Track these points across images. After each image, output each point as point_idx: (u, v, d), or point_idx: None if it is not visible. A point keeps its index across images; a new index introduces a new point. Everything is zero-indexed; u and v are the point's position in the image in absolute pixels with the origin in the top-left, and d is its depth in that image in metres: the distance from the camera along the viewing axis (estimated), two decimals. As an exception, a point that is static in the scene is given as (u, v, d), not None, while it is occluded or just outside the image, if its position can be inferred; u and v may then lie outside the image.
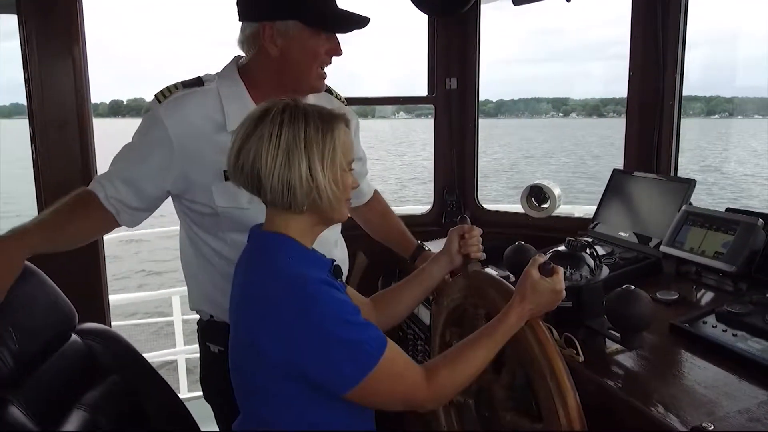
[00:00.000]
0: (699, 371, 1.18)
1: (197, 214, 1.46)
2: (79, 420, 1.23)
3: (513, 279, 1.71)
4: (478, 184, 2.41)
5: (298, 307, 0.98)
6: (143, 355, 1.44)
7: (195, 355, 3.74)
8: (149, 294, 3.57)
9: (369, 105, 2.92)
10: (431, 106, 2.41)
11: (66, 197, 1.39)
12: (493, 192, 18.58)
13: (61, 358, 1.24)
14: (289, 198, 1.03)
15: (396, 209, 2.11)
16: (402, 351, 1.05)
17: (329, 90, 1.66)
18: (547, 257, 1.43)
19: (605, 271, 1.39)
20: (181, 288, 3.65)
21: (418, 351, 2.07)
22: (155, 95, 1.43)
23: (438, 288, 1.46)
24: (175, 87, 1.43)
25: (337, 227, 1.58)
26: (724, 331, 1.28)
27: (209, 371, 1.60)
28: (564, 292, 1.19)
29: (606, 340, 1.33)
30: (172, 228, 3.40)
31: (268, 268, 1.04)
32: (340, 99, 1.68)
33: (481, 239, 1.44)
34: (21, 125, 2.24)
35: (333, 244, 1.58)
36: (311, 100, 1.51)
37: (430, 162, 2.31)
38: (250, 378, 1.05)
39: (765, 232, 1.49)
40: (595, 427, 1.11)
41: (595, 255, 1.42)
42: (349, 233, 1.67)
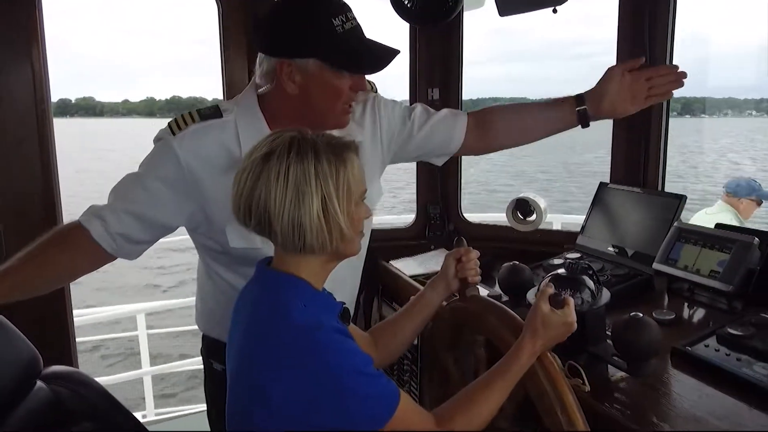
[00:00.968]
0: (708, 400, 1.15)
1: (210, 249, 1.41)
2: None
3: (506, 299, 1.67)
4: (461, 196, 2.37)
5: (313, 359, 0.92)
6: (115, 397, 1.34)
7: (161, 373, 3.65)
8: (114, 313, 3.41)
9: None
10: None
11: (42, 238, 1.28)
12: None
13: (27, 408, 1.13)
14: (301, 239, 0.97)
15: (376, 218, 2.04)
16: (414, 402, 1.00)
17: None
18: (548, 281, 1.40)
19: (606, 295, 1.35)
20: (146, 305, 3.54)
21: (404, 371, 2.02)
22: (169, 125, 1.33)
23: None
24: (191, 118, 1.33)
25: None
26: (727, 355, 1.26)
27: (213, 388, 1.58)
28: (575, 323, 1.14)
29: (609, 366, 1.30)
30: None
31: (280, 316, 0.97)
32: (371, 87, 1.59)
33: (479, 262, 1.38)
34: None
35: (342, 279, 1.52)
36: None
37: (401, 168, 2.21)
38: (256, 426, 0.97)
39: (760, 250, 1.48)
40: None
41: (596, 278, 1.38)
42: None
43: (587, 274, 1.38)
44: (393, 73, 1.65)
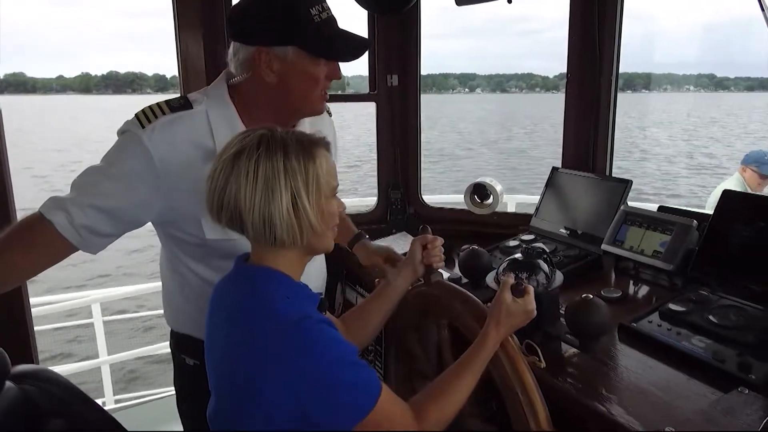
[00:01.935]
0: (651, 372, 1.26)
1: (182, 242, 1.38)
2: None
3: (465, 281, 1.75)
4: (421, 180, 2.42)
5: (301, 350, 0.94)
6: (81, 389, 1.34)
7: (119, 362, 3.59)
8: (70, 303, 3.32)
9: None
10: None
11: (2, 233, 1.24)
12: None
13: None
14: (272, 234, 0.99)
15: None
16: (392, 392, 1.04)
17: None
18: (506, 266, 1.48)
19: (560, 277, 1.44)
20: (101, 294, 3.46)
21: (368, 351, 2.08)
22: (137, 117, 1.29)
23: None
24: (161, 110, 1.30)
25: None
26: (668, 330, 1.37)
27: (184, 383, 1.57)
28: (535, 311, 1.22)
29: (562, 343, 1.39)
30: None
31: (264, 311, 0.99)
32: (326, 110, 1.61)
33: (443, 249, 1.45)
34: None
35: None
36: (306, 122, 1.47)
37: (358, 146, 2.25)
38: (244, 421, 1.00)
39: (698, 231, 1.60)
40: (563, 434, 1.16)
41: (550, 261, 1.46)
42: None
43: (542, 257, 1.46)
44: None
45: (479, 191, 2.27)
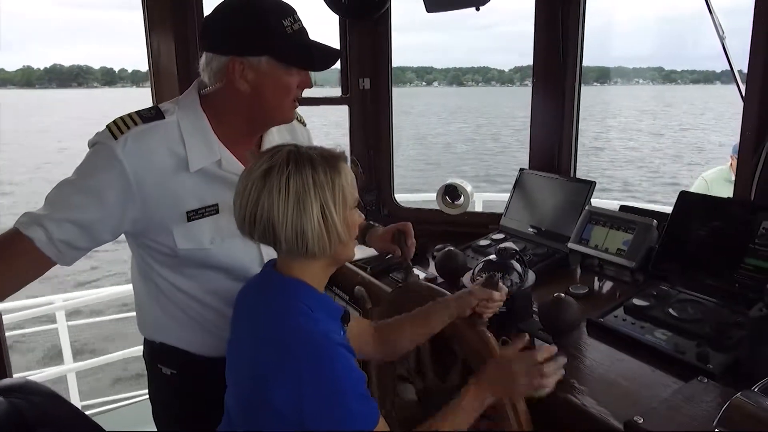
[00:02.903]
0: (619, 364, 1.35)
1: (154, 251, 1.38)
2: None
3: (441, 281, 1.82)
4: (394, 182, 2.48)
5: (317, 367, 0.98)
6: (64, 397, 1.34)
7: (85, 369, 3.51)
8: (34, 309, 3.23)
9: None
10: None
11: None
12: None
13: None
14: (304, 245, 1.04)
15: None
16: (387, 425, 1.07)
17: None
18: (481, 266, 1.55)
19: (532, 277, 1.52)
20: (64, 302, 3.37)
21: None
22: (109, 128, 1.29)
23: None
24: (132, 121, 1.30)
25: None
26: (633, 324, 1.46)
27: (161, 392, 1.57)
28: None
29: (535, 339, 1.47)
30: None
31: (287, 325, 1.03)
32: (300, 120, 1.64)
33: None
34: None
35: None
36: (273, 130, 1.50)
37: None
38: (260, 424, 1.04)
39: (658, 230, 1.71)
40: (539, 427, 1.24)
41: (523, 261, 1.54)
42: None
43: (515, 258, 1.54)
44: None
45: (450, 192, 2.34)
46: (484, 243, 2.10)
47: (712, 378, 1.20)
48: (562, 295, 1.39)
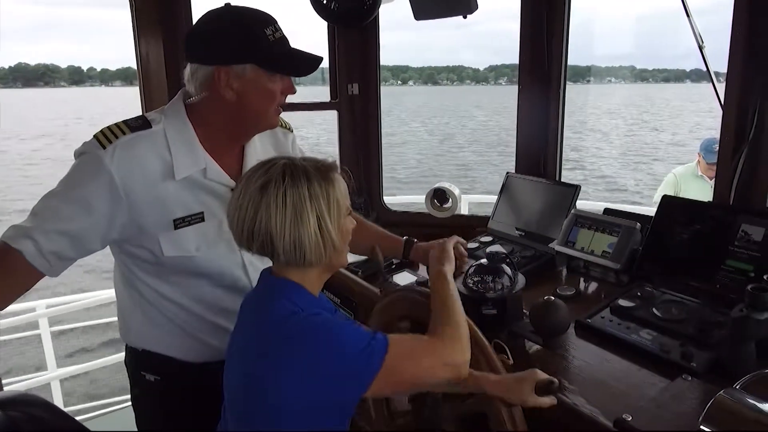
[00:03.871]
0: (608, 364, 1.39)
1: (139, 258, 1.39)
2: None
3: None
4: (383, 186, 2.50)
5: (313, 334, 1.04)
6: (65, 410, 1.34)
7: (69, 375, 3.48)
8: (16, 318, 3.18)
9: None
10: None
11: None
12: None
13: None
14: (302, 255, 1.07)
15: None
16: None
17: None
18: (472, 270, 1.59)
19: (522, 280, 1.56)
20: (48, 309, 3.33)
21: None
22: (96, 138, 1.30)
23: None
24: (120, 130, 1.32)
25: None
26: (619, 324, 1.51)
27: (144, 399, 1.57)
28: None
29: (526, 341, 1.51)
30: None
31: (277, 315, 1.07)
32: (285, 126, 1.66)
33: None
34: None
35: None
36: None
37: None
38: (267, 418, 1.06)
39: (641, 233, 1.77)
40: (532, 426, 1.28)
41: (512, 264, 1.58)
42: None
43: (505, 262, 1.58)
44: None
45: (439, 196, 2.38)
46: (472, 246, 2.14)
47: (696, 376, 1.26)
48: (552, 298, 1.43)
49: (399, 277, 1.96)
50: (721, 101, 1.67)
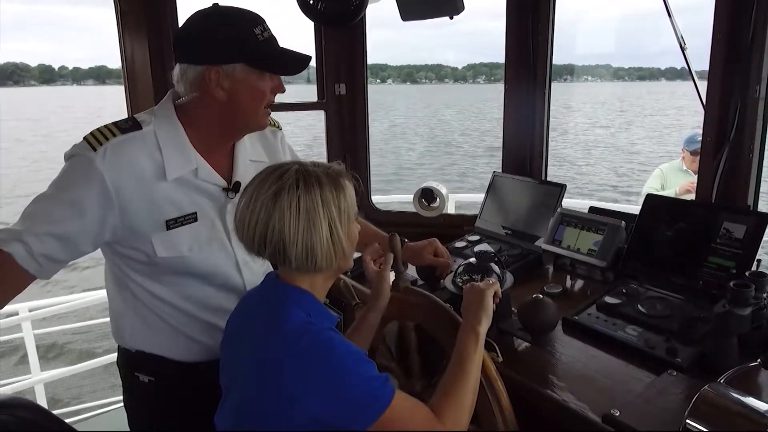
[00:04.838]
0: (595, 360, 1.42)
1: (131, 259, 1.39)
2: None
3: (422, 283, 1.86)
4: (370, 186, 2.51)
5: (319, 351, 1.02)
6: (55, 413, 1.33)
7: (52, 380, 3.42)
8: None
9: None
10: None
11: None
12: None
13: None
14: (313, 262, 1.07)
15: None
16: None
17: None
18: (461, 269, 1.60)
19: (510, 278, 1.58)
20: (31, 312, 3.28)
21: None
22: (87, 140, 1.29)
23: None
24: (111, 132, 1.31)
25: None
26: (605, 321, 1.54)
27: (138, 400, 1.56)
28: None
29: (515, 338, 1.53)
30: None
31: (283, 325, 1.06)
32: (274, 124, 1.66)
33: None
34: None
35: None
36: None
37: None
38: (262, 420, 1.05)
39: (626, 231, 1.80)
40: (523, 422, 1.30)
41: (501, 264, 1.60)
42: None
43: (494, 260, 1.60)
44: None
45: (427, 195, 2.39)
46: (460, 245, 2.15)
47: (680, 371, 1.28)
48: (540, 296, 1.45)
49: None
50: (703, 100, 1.70)
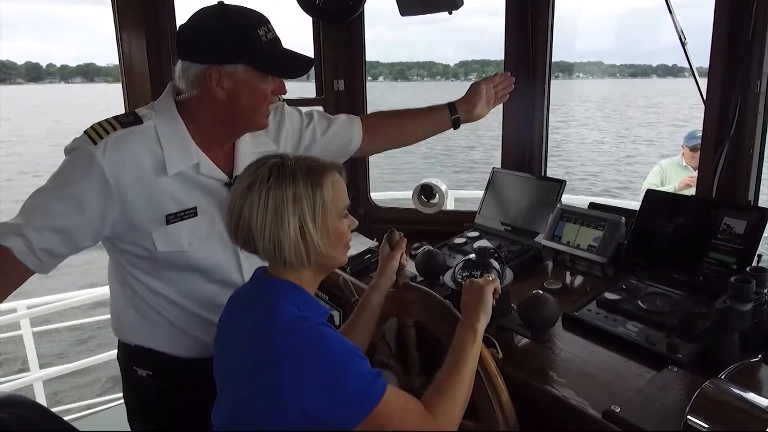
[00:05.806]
0: (595, 356, 1.41)
1: (132, 255, 1.39)
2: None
3: (421, 279, 1.85)
4: (369, 182, 2.50)
5: (311, 346, 1.02)
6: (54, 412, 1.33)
7: (51, 377, 3.42)
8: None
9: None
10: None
11: None
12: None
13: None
14: (281, 255, 1.08)
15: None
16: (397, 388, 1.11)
17: None
18: (461, 265, 1.60)
19: (510, 275, 1.57)
20: (29, 310, 3.27)
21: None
22: (87, 134, 1.30)
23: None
24: (111, 126, 1.31)
25: None
26: (606, 317, 1.53)
27: (136, 394, 1.58)
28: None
29: (514, 334, 1.53)
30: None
31: (275, 318, 1.06)
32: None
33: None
34: None
35: None
36: None
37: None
38: (262, 420, 1.05)
39: (626, 227, 1.79)
40: (523, 418, 1.29)
41: (501, 260, 1.59)
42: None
43: (493, 257, 1.59)
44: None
45: (426, 191, 2.38)
46: (459, 241, 2.14)
47: (681, 367, 1.28)
48: (540, 292, 1.45)
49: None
50: (703, 96, 1.69)
